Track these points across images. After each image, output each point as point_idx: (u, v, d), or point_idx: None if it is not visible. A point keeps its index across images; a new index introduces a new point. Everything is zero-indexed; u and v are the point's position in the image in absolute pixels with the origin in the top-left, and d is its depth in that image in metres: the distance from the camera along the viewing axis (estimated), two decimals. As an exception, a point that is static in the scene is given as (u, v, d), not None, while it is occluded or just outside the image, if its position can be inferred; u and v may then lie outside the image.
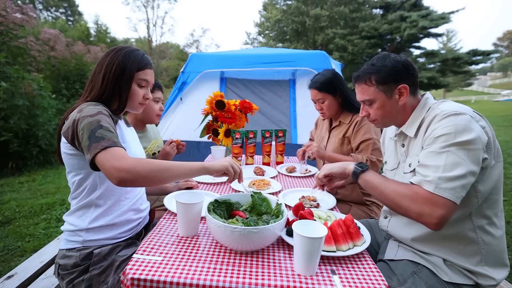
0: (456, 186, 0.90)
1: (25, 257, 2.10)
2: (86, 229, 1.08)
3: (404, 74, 1.09)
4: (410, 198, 0.94)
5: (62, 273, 1.07)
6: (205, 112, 2.11)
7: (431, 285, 1.00)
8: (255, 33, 26.65)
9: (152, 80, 1.19)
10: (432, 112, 1.05)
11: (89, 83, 1.13)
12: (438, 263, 1.03)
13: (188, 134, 3.30)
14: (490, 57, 19.80)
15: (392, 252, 1.15)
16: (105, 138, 0.93)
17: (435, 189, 0.90)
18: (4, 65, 4.53)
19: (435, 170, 0.92)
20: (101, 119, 0.98)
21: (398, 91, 1.10)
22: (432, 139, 0.97)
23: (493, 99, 33.43)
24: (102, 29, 18.84)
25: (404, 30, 19.63)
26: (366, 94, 1.15)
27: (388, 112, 1.14)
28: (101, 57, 1.15)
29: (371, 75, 1.12)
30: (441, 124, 0.96)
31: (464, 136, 0.91)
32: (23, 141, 4.54)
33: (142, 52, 1.17)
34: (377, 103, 1.14)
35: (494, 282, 1.00)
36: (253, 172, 1.79)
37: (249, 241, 0.89)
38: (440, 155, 0.93)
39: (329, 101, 1.80)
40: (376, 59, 1.14)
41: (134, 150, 1.18)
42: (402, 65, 1.09)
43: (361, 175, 1.10)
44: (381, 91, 1.12)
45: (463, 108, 0.99)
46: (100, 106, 1.05)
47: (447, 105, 1.04)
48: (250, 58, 3.56)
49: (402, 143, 1.18)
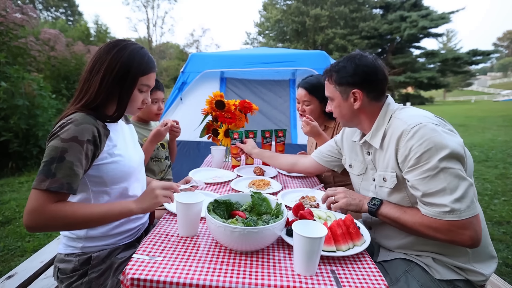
0: (469, 201, 0.89)
1: (25, 257, 2.10)
2: (85, 238, 1.06)
3: (360, 80, 1.08)
4: (434, 229, 0.94)
5: (61, 277, 1.07)
6: (205, 112, 2.11)
7: (424, 283, 1.00)
8: (255, 33, 26.71)
9: (153, 84, 1.13)
10: (395, 122, 1.05)
11: (83, 82, 1.02)
12: (428, 262, 1.04)
13: (188, 134, 3.29)
14: (490, 57, 19.85)
15: (384, 254, 1.17)
16: (56, 176, 0.86)
17: (459, 217, 0.89)
18: (4, 65, 4.53)
19: (443, 195, 0.91)
20: (69, 149, 0.89)
21: (352, 95, 1.11)
22: (414, 160, 0.95)
23: (493, 99, 33.38)
24: (102, 29, 18.87)
25: (404, 30, 19.65)
26: (327, 91, 1.19)
27: (344, 113, 1.16)
28: (99, 52, 1.02)
29: (332, 73, 1.14)
30: (415, 142, 0.95)
31: (445, 145, 0.91)
32: (23, 141, 4.54)
33: (147, 52, 1.08)
34: (335, 101, 1.17)
35: (483, 277, 1.01)
36: (253, 172, 1.79)
37: (249, 241, 0.89)
38: (437, 176, 0.92)
39: (314, 105, 1.82)
40: (344, 58, 1.14)
41: (130, 152, 1.13)
42: (362, 70, 1.08)
43: (378, 212, 1.07)
44: (337, 91, 1.14)
45: (425, 117, 1.00)
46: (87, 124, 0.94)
47: (407, 114, 1.03)
48: (250, 58, 3.56)
49: (368, 151, 1.18)
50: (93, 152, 0.97)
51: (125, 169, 1.07)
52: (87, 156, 0.94)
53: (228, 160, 2.14)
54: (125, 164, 1.07)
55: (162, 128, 1.66)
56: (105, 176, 1.02)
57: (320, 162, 1.50)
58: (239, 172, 1.81)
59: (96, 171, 1.01)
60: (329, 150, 1.46)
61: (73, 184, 0.90)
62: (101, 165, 1.01)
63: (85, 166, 0.95)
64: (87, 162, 0.95)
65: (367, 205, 1.10)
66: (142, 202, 1.00)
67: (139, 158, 1.21)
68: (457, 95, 39.80)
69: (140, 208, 0.99)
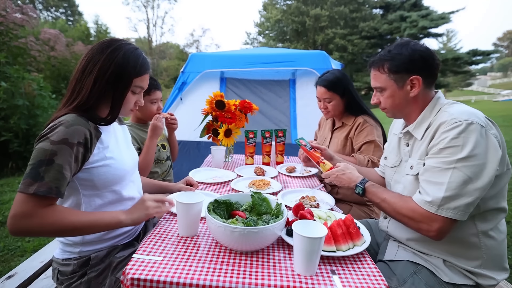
0: (459, 205, 0.89)
1: (25, 257, 2.10)
2: (81, 243, 1.05)
3: (419, 65, 1.03)
4: (408, 217, 0.98)
5: (61, 278, 1.06)
6: (205, 112, 2.11)
7: (431, 286, 1.00)
8: (255, 33, 26.71)
9: (147, 85, 1.09)
10: (441, 115, 1.01)
11: (75, 83, 0.98)
12: (438, 264, 1.03)
13: (188, 134, 3.29)
14: (490, 57, 19.85)
15: (392, 252, 1.15)
16: (44, 180, 0.84)
17: (437, 210, 0.90)
18: (4, 65, 4.53)
19: (438, 188, 0.91)
20: (59, 152, 0.86)
21: (410, 82, 1.05)
22: (438, 150, 0.94)
23: (493, 99, 33.40)
24: (102, 29, 18.87)
25: (404, 30, 19.66)
26: (377, 81, 1.12)
27: (397, 102, 1.10)
28: (92, 51, 0.98)
29: (384, 62, 1.08)
30: (450, 134, 0.92)
31: (472, 149, 0.88)
32: (23, 141, 4.54)
33: (141, 52, 1.05)
34: (387, 91, 1.10)
35: (494, 282, 0.99)
36: (254, 172, 1.79)
37: (249, 241, 0.89)
38: (445, 171, 0.91)
39: (336, 101, 1.80)
40: (394, 45, 1.09)
41: (123, 154, 1.10)
42: (419, 55, 1.03)
43: (365, 196, 1.14)
44: (392, 80, 1.07)
45: (474, 115, 0.94)
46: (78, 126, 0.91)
47: (457, 109, 0.99)
48: (250, 58, 3.56)
49: (407, 142, 1.15)
50: (84, 155, 0.93)
51: (117, 172, 1.03)
52: (77, 159, 0.90)
53: (228, 160, 2.14)
54: (117, 167, 1.03)
55: (157, 122, 1.64)
56: (96, 180, 0.99)
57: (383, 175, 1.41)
58: (239, 172, 1.81)
59: (87, 174, 0.97)
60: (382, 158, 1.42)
61: (61, 188, 0.87)
62: (91, 168, 0.97)
63: (74, 169, 0.91)
64: (77, 165, 0.92)
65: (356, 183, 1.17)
66: (132, 213, 1.00)
67: (132, 160, 1.17)
68: (457, 95, 39.79)
69: (130, 219, 0.98)
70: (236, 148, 2.48)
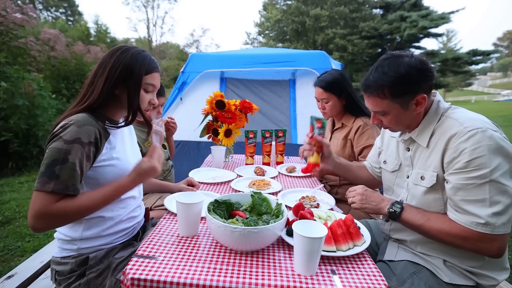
0: (506, 219, 0.87)
1: (25, 257, 2.10)
2: (79, 239, 1.05)
3: (420, 82, 0.97)
4: (462, 238, 0.91)
5: (59, 279, 1.06)
6: (205, 112, 2.11)
7: (431, 286, 1.00)
8: (255, 33, 26.69)
9: (159, 85, 1.12)
10: (447, 122, 0.98)
11: (88, 85, 1.03)
12: (438, 264, 1.03)
13: (188, 134, 3.29)
14: (490, 57, 19.82)
15: (392, 252, 1.15)
16: (59, 178, 0.88)
17: (492, 231, 0.87)
18: (4, 65, 4.52)
19: (481, 206, 0.88)
20: (72, 151, 0.90)
21: (415, 101, 1.00)
22: (464, 163, 0.90)
23: (493, 99, 33.42)
24: (102, 29, 18.85)
25: (404, 30, 19.64)
26: (378, 107, 1.05)
27: (403, 121, 1.06)
28: (104, 57, 1.05)
29: (383, 88, 0.99)
30: (469, 146, 0.89)
31: (497, 157, 0.86)
32: (23, 141, 4.54)
33: (149, 54, 1.09)
34: (391, 114, 1.04)
35: (495, 282, 0.99)
36: (254, 172, 1.79)
37: (249, 241, 0.89)
38: (482, 186, 0.87)
39: (333, 102, 1.79)
40: (387, 65, 0.99)
41: (128, 155, 1.13)
42: (416, 70, 0.97)
43: (400, 218, 1.04)
44: (396, 103, 1.01)
45: (483, 121, 0.93)
46: (89, 126, 0.95)
47: (463, 115, 0.97)
48: (250, 58, 3.56)
49: (408, 147, 1.12)
50: (94, 154, 0.98)
51: (121, 172, 1.05)
52: (89, 157, 0.96)
53: (228, 160, 2.14)
54: (122, 167, 1.07)
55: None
56: (101, 178, 1.02)
57: (373, 173, 1.41)
58: (240, 172, 1.81)
59: (93, 172, 1.01)
60: (374, 155, 1.39)
61: (78, 185, 0.93)
62: (98, 167, 1.01)
63: (86, 167, 0.96)
64: (89, 164, 0.97)
65: (386, 209, 1.06)
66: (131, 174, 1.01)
67: (136, 160, 1.16)
68: (457, 95, 39.81)
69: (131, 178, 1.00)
70: (236, 148, 2.48)
